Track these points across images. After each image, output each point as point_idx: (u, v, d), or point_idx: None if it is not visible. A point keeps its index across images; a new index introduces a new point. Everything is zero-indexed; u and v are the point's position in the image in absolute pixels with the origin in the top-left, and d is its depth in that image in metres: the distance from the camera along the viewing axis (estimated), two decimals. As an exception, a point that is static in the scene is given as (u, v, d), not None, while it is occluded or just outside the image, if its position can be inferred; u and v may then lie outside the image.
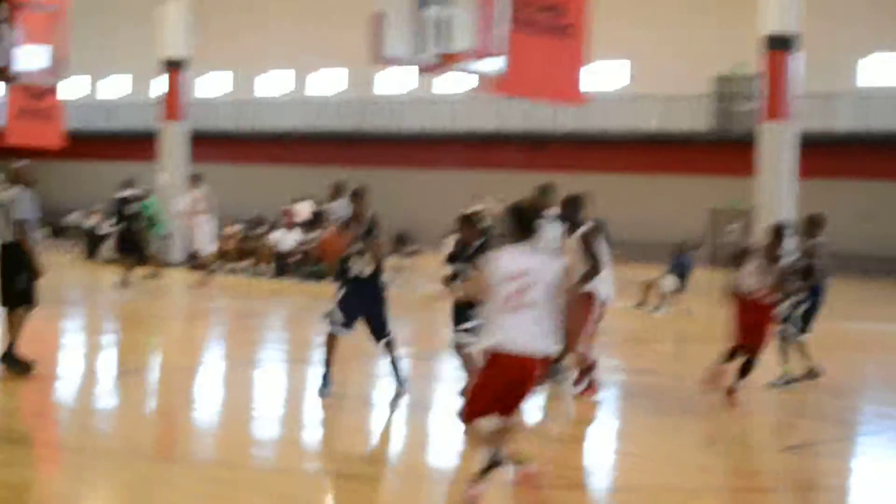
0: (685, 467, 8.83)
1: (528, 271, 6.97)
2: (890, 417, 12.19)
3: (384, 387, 11.62)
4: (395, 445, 9.92)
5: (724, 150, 42.83)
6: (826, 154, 39.12)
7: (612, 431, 10.84)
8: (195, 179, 25.91)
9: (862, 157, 41.81)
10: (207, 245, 25.54)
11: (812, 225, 13.55)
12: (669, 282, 23.34)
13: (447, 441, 9.46)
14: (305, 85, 52.31)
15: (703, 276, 25.04)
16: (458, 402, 7.79)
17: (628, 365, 15.67)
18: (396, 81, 48.04)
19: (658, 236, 42.58)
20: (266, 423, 10.51)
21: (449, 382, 11.98)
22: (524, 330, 6.98)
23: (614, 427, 11.08)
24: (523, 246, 7.09)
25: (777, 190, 24.55)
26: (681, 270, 23.46)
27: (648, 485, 8.40)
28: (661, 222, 45.85)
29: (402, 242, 27.14)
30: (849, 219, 44.73)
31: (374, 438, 10.06)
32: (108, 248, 29.68)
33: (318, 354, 12.03)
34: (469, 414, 7.17)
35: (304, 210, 29.01)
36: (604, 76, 44.29)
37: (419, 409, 10.89)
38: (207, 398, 11.88)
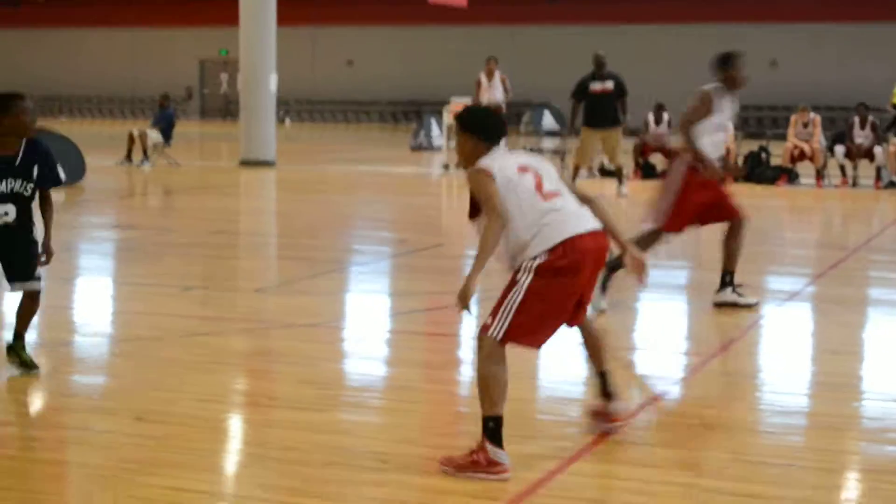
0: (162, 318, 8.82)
1: None
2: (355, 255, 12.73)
3: None
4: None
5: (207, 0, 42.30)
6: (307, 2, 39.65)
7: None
8: None
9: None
10: None
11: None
12: (154, 135, 23.30)
13: None
14: None
15: (194, 127, 24.86)
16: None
17: (117, 220, 15.45)
18: None
19: (148, 90, 41.86)
20: None
21: None
22: (576, 207, 5.53)
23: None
24: None
25: (258, 38, 24.54)
26: (165, 124, 23.45)
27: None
28: (149, 76, 45.06)
29: None
30: (333, 65, 45.82)
31: None
32: None
33: None
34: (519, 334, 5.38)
35: None
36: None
37: None
38: None
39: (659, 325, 9.18)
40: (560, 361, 7.63)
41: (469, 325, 9.06)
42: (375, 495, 5.06)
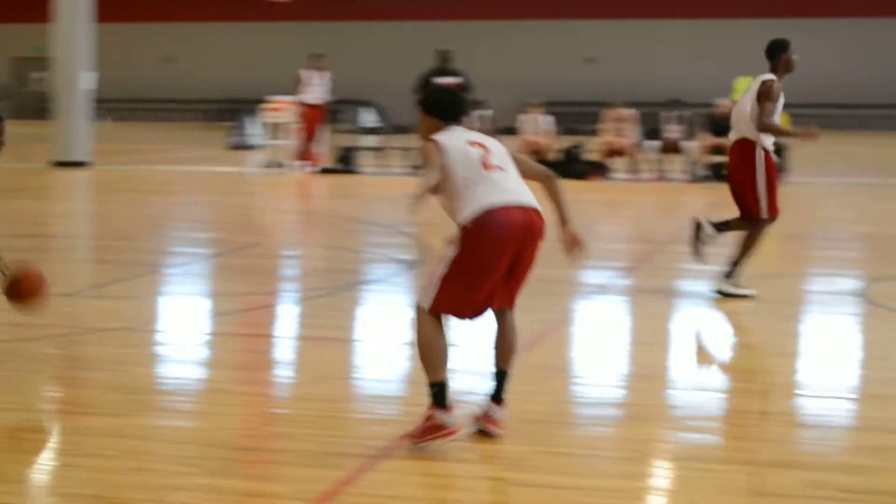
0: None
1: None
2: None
3: None
4: None
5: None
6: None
7: None
8: None
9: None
10: None
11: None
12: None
13: None
14: None
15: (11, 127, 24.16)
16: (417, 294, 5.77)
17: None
18: None
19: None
20: None
21: None
22: (515, 184, 5.78)
23: None
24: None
25: (73, 35, 24.00)
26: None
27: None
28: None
29: None
30: (153, 63, 45.13)
31: None
32: None
33: None
34: (442, 303, 5.63)
35: None
36: None
37: None
38: None
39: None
40: (370, 359, 7.69)
41: (285, 327, 9.07)
42: (184, 500, 5.02)
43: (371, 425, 6.25)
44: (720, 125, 20.65)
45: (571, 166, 21.08)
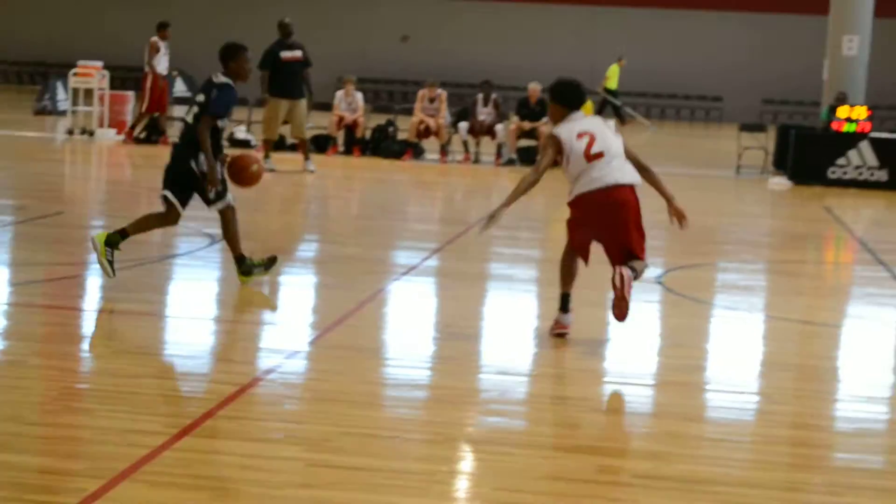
0: None
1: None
2: None
3: None
4: None
5: None
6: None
7: None
8: None
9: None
10: None
11: None
12: None
13: None
14: None
15: None
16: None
17: None
18: None
19: None
20: None
21: None
22: (613, 167, 7.64)
23: None
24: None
25: None
26: None
27: None
28: None
29: None
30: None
31: None
32: None
33: None
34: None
35: None
36: None
37: None
38: None
39: (280, 299, 9.27)
40: (174, 335, 7.60)
41: (88, 300, 8.88)
42: (-26, 477, 4.89)
43: (172, 403, 6.18)
44: (531, 109, 20.98)
45: (383, 145, 21.11)
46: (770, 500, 5.17)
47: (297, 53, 17.95)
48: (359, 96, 21.48)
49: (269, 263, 9.24)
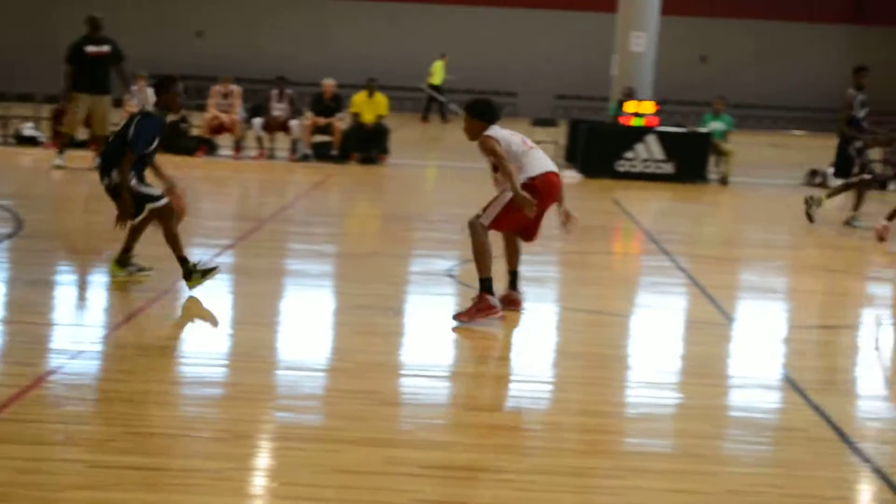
0: None
1: None
2: None
3: None
4: None
5: None
6: None
7: None
8: None
9: None
10: None
11: None
12: None
13: None
14: None
15: None
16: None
17: None
18: None
19: None
20: None
21: None
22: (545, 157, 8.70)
23: None
24: None
25: None
26: None
27: None
28: None
29: None
30: None
31: None
32: None
33: None
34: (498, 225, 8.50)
35: None
36: None
37: None
38: None
39: (69, 298, 9.02)
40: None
41: None
42: None
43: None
44: (325, 105, 20.90)
45: (176, 141, 20.72)
46: (558, 485, 5.25)
47: (104, 48, 17.51)
48: (150, 92, 21.01)
49: (141, 269, 9.37)
